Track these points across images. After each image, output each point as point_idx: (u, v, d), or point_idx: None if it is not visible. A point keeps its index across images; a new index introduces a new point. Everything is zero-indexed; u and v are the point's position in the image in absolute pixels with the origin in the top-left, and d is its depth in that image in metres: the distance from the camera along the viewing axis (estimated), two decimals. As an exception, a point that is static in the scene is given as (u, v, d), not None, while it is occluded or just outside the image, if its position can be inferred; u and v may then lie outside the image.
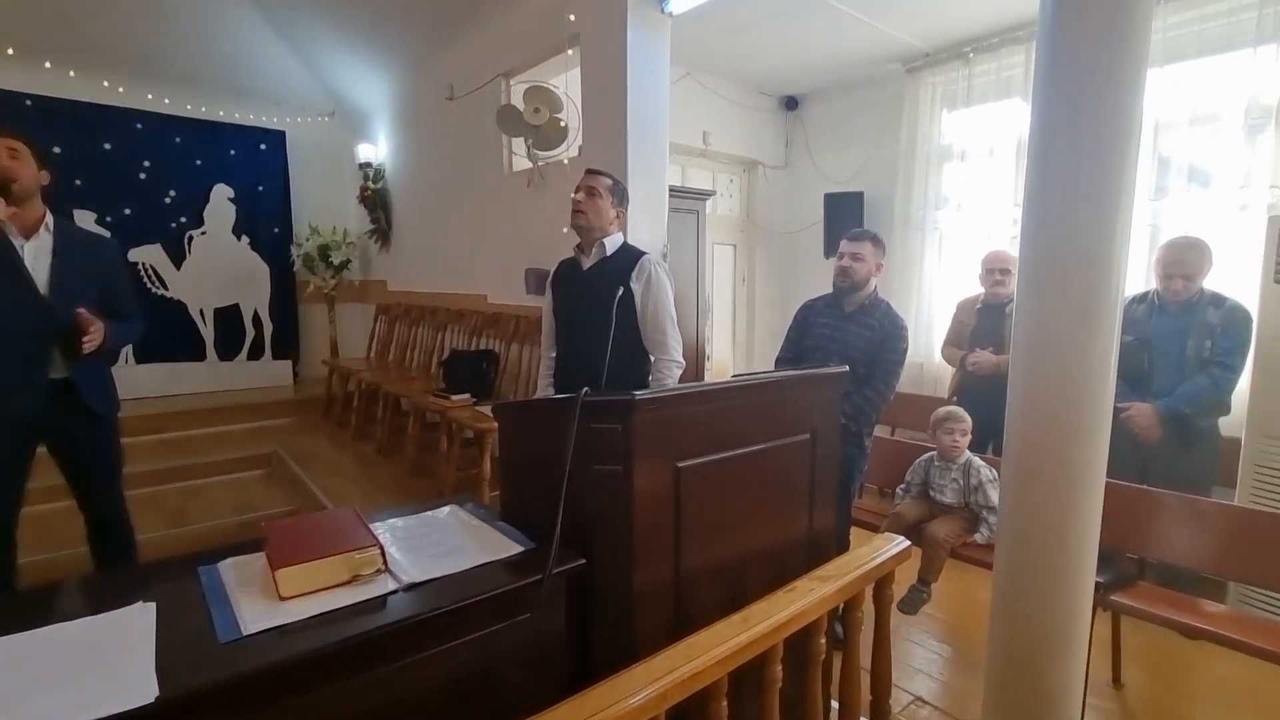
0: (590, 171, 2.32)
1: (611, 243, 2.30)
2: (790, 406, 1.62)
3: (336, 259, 6.02)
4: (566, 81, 3.24)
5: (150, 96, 5.23)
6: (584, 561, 1.22)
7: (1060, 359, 1.47)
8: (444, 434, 3.57)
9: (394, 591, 1.09)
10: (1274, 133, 2.94)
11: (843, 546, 2.34)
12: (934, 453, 2.63)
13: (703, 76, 4.69)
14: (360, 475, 3.93)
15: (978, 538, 2.47)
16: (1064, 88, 1.43)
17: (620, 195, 2.32)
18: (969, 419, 2.54)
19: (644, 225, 3.15)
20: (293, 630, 0.97)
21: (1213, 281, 2.84)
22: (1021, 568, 1.57)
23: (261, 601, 1.03)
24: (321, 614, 1.00)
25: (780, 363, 2.60)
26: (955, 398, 3.44)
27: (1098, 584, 2.11)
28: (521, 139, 3.37)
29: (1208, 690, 2.37)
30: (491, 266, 4.32)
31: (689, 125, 4.70)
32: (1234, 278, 3.01)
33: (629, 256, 2.29)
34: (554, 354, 2.47)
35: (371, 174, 5.99)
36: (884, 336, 2.39)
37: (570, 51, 3.26)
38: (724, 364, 5.39)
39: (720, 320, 5.46)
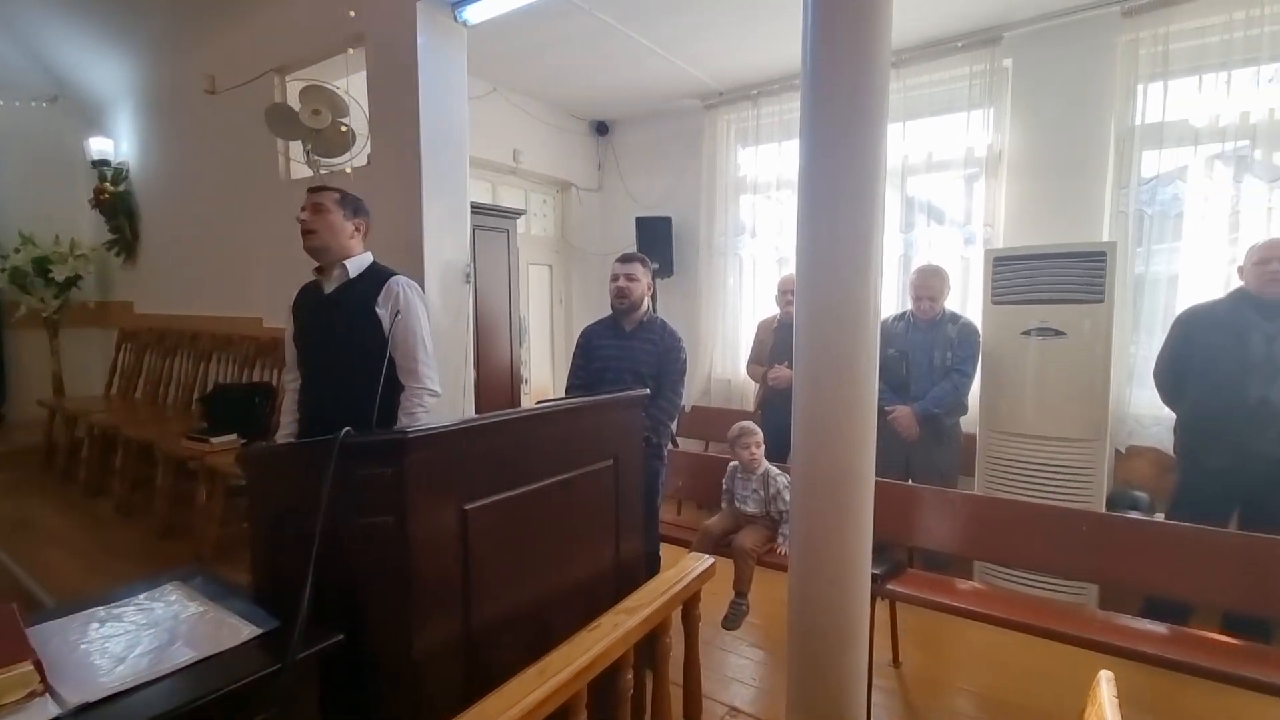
0: (312, 189, 2.08)
1: (356, 264, 2.07)
2: (590, 433, 1.55)
3: (60, 275, 4.88)
4: (349, 84, 2.93)
5: None
6: (341, 638, 1.01)
7: (831, 372, 1.58)
8: (203, 484, 2.99)
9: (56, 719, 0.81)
10: (984, 181, 3.57)
11: (654, 567, 2.33)
12: (737, 464, 2.74)
13: (511, 94, 4.59)
14: (89, 544, 3.16)
15: (780, 543, 2.61)
16: (823, 134, 1.56)
17: (354, 207, 2.10)
18: (760, 432, 2.70)
19: (446, 243, 2.94)
20: None
21: (952, 302, 3.37)
22: (810, 565, 1.66)
23: None
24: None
25: (571, 390, 2.60)
26: (760, 411, 3.67)
27: (875, 575, 2.34)
28: (299, 143, 2.98)
29: (967, 658, 2.71)
30: (267, 286, 3.77)
31: (498, 142, 4.56)
32: (967, 299, 3.61)
33: (376, 278, 2.07)
34: (298, 386, 2.17)
35: (110, 174, 4.97)
36: (665, 349, 2.49)
37: (351, 51, 2.96)
38: (543, 387, 5.28)
39: (538, 342, 5.34)
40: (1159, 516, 2.85)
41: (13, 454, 4.36)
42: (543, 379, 5.26)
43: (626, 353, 2.50)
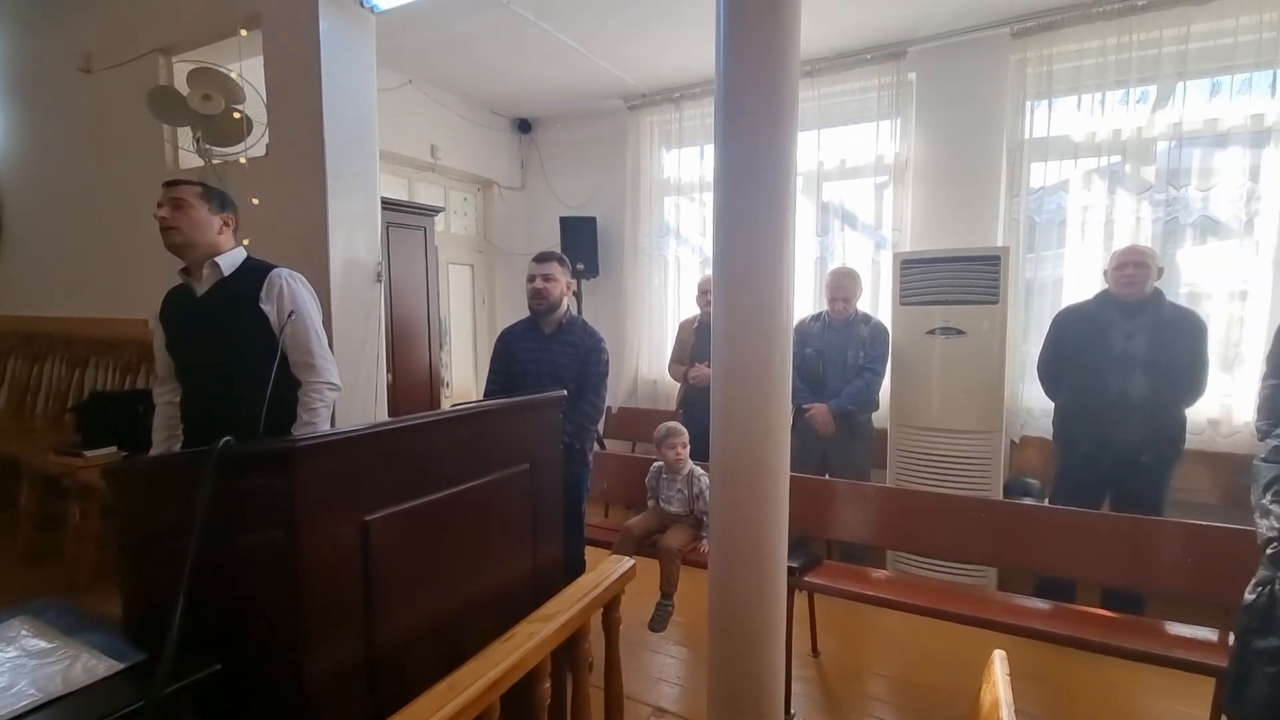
0: (169, 183, 1.92)
1: (228, 261, 1.93)
2: (505, 436, 1.50)
3: (-98, 272, 4.30)
4: (242, 68, 2.73)
5: None
6: (217, 668, 0.92)
7: (747, 370, 1.59)
8: (76, 503, 2.70)
9: None
10: (892, 188, 3.75)
11: (579, 571, 2.30)
12: (662, 464, 2.75)
13: (428, 87, 4.43)
14: (-66, 575, 2.79)
15: (704, 542, 2.63)
16: (736, 141, 1.58)
17: (220, 201, 1.96)
18: (686, 432, 2.71)
19: (355, 241, 2.79)
20: None
21: (865, 303, 3.51)
22: (728, 560, 1.67)
23: None
24: None
25: (490, 395, 2.52)
26: (682, 410, 3.69)
27: (792, 568, 2.39)
28: (189, 131, 2.75)
29: (881, 644, 2.83)
30: (154, 284, 3.41)
31: (414, 137, 4.39)
32: (878, 300, 3.77)
33: (254, 273, 1.94)
34: (177, 398, 2.01)
35: (-35, 160, 4.43)
36: (587, 351, 2.45)
37: (245, 33, 2.76)
38: (466, 389, 5.12)
39: (461, 344, 5.18)
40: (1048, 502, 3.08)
41: None
42: (465, 381, 5.10)
43: (546, 355, 2.44)
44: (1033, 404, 3.39)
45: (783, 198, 1.58)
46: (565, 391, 1.91)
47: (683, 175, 4.54)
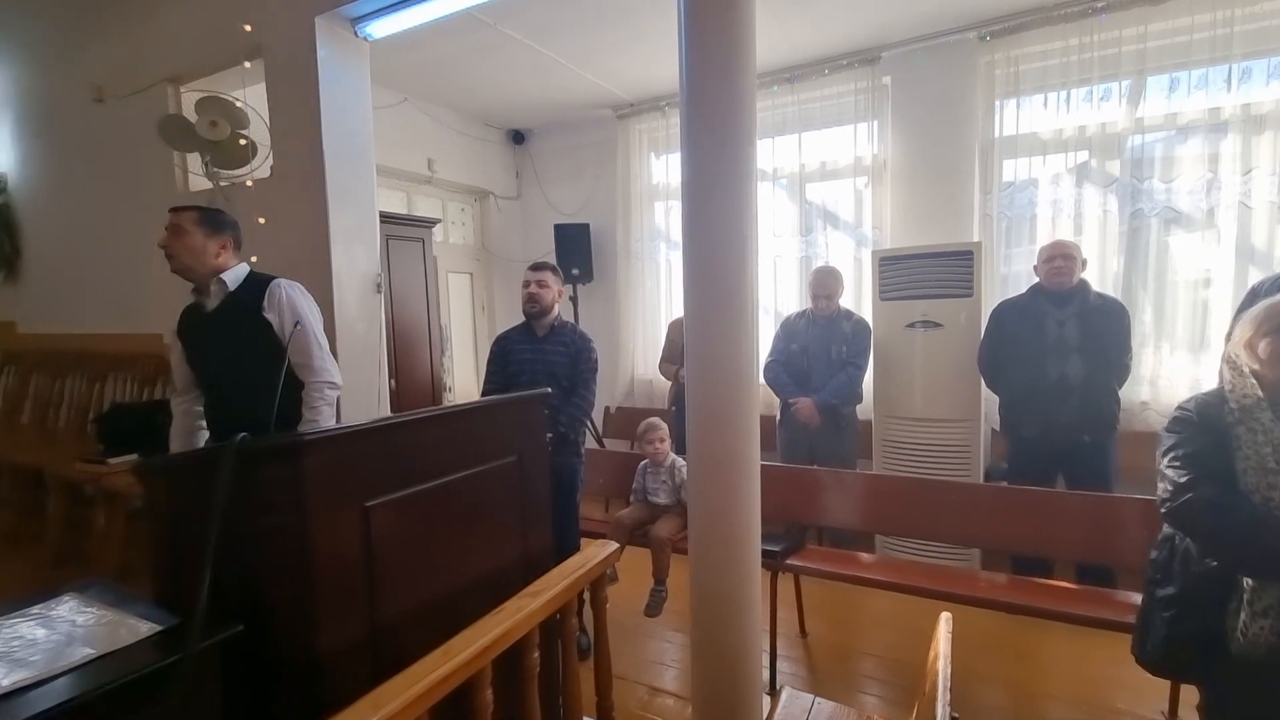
0: (173, 209, 2.09)
1: (233, 276, 2.10)
2: (492, 431, 1.64)
3: (-74, 296, 4.51)
4: (246, 95, 2.89)
5: None
6: (241, 628, 1.07)
7: (716, 365, 1.73)
8: (101, 508, 2.86)
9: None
10: (871, 188, 3.88)
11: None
12: (647, 461, 2.89)
13: (423, 103, 4.59)
14: (-33, 581, 2.96)
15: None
16: (699, 147, 1.71)
17: (215, 223, 2.10)
18: (665, 426, 2.86)
19: (357, 253, 2.95)
20: None
21: (848, 299, 3.64)
22: (706, 544, 1.80)
23: None
24: None
25: (488, 395, 2.70)
26: (673, 407, 3.83)
27: (775, 551, 2.53)
28: (198, 155, 2.92)
29: (868, 624, 2.95)
30: (167, 301, 3.57)
31: (411, 152, 4.55)
32: (861, 297, 3.90)
33: (257, 286, 2.10)
34: (199, 406, 2.21)
35: (-14, 186, 4.64)
36: (577, 350, 2.62)
37: (248, 64, 2.93)
38: (469, 392, 5.27)
39: (462, 350, 5.34)
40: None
41: (-124, 492, 3.98)
42: (467, 385, 5.25)
43: (540, 355, 2.60)
44: (1008, 392, 3.50)
45: (744, 202, 1.71)
46: (549, 390, 2.06)
47: (671, 180, 4.69)
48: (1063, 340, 2.75)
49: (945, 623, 1.43)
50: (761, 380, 2.80)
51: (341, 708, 1.11)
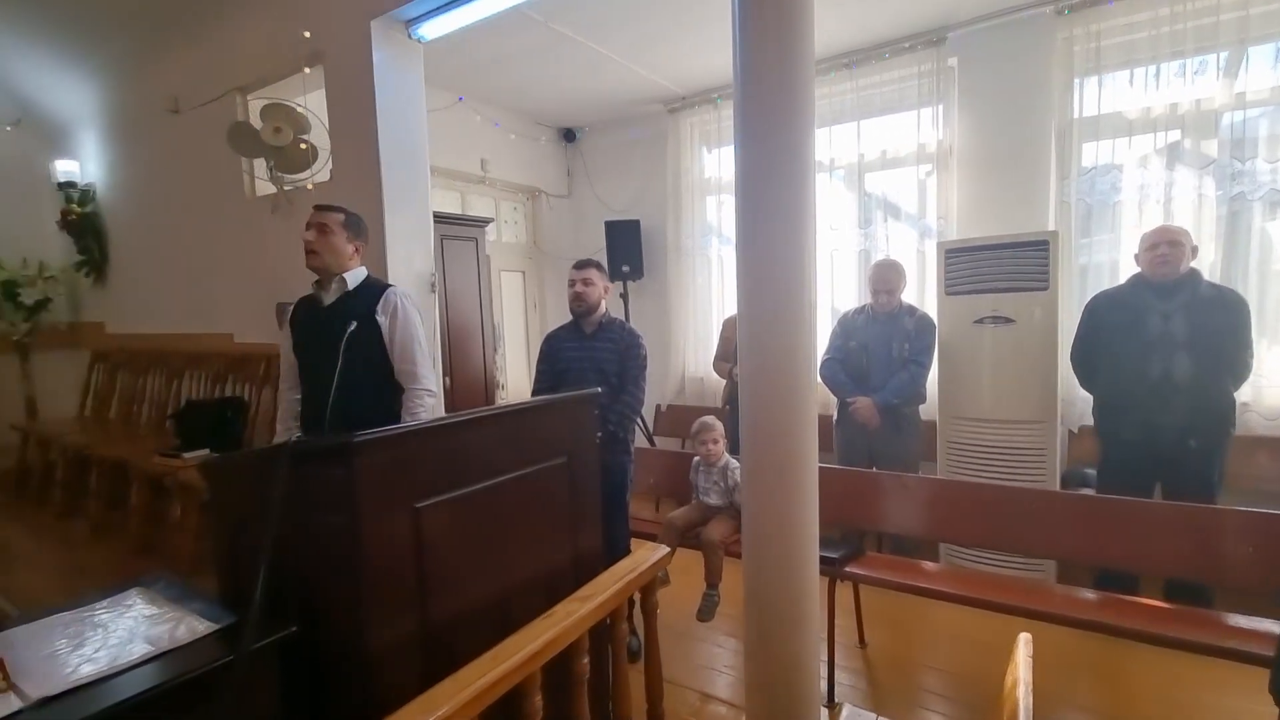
0: (319, 208, 2.22)
1: (353, 277, 2.23)
2: (542, 432, 1.62)
3: (29, 298, 4.86)
4: (306, 101, 2.98)
5: None
6: (294, 629, 1.07)
7: (772, 363, 1.65)
8: (177, 500, 3.01)
9: (18, 712, 0.86)
10: (935, 176, 3.69)
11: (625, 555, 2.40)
12: (700, 459, 2.82)
13: (477, 104, 4.65)
14: (61, 565, 3.17)
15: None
16: (753, 138, 1.64)
17: (356, 228, 2.25)
18: (720, 426, 2.78)
19: (412, 253, 3.00)
20: None
21: (910, 294, 3.48)
22: (760, 549, 1.73)
23: None
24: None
25: (538, 394, 2.68)
26: (727, 405, 3.75)
27: (834, 558, 2.42)
28: (262, 160, 3.02)
29: (933, 636, 2.80)
30: (237, 302, 3.80)
31: (466, 152, 4.62)
32: (924, 291, 3.72)
33: (373, 290, 2.23)
34: (297, 395, 2.31)
35: (77, 196, 4.96)
36: (626, 347, 2.59)
37: (309, 70, 3.01)
38: (521, 389, 5.32)
39: (514, 347, 5.39)
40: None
41: (-14, 480, 4.34)
42: (520, 382, 5.31)
43: (589, 353, 2.58)
44: (1090, 392, 3.27)
45: (801, 194, 1.63)
46: (599, 389, 2.03)
47: (724, 174, 4.59)
48: (1168, 335, 2.50)
49: (1025, 645, 1.32)
50: (818, 379, 2.70)
51: (393, 708, 1.11)
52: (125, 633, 1.04)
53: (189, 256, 4.25)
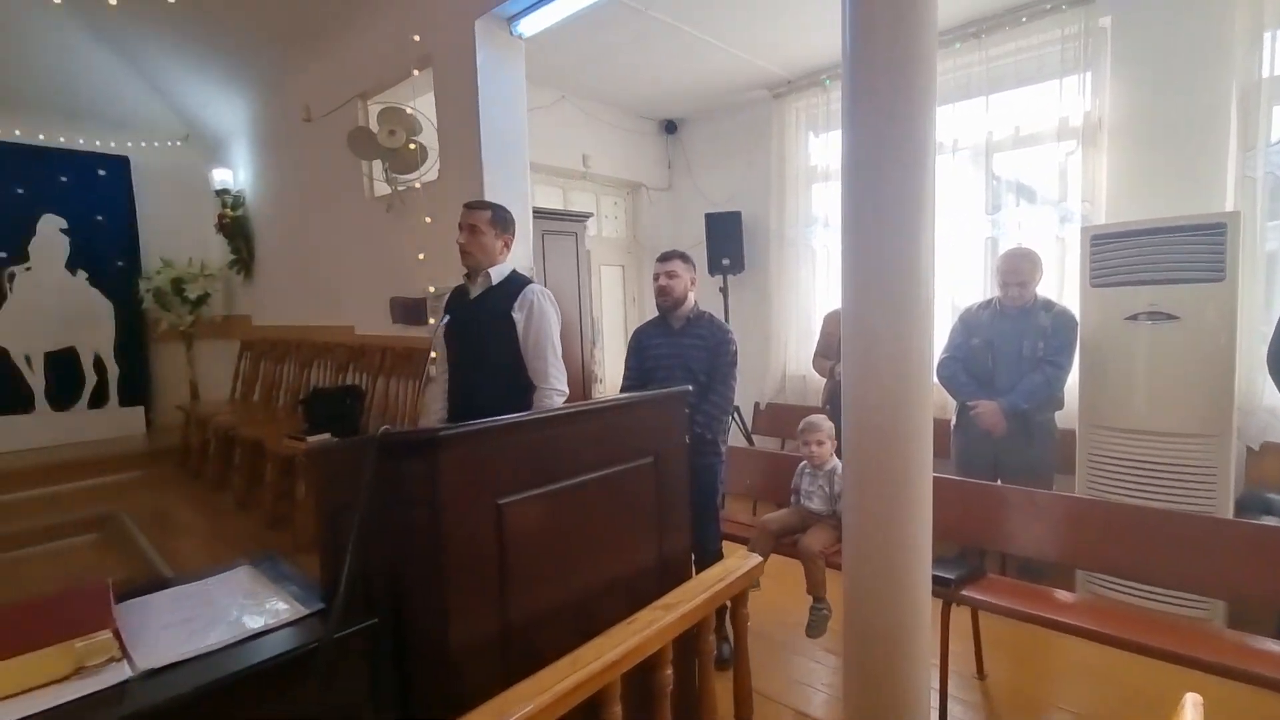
0: (469, 206, 2.29)
1: (498, 272, 2.29)
2: (629, 430, 1.56)
3: (193, 293, 5.50)
4: (416, 104, 3.11)
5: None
6: (375, 621, 1.08)
7: (882, 363, 1.50)
8: (301, 480, 3.27)
9: (127, 681, 0.91)
10: (1080, 153, 3.25)
11: (717, 560, 2.31)
12: (806, 460, 2.66)
13: (579, 100, 4.69)
14: (210, 533, 3.55)
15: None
16: (865, 119, 1.49)
17: (503, 223, 2.32)
18: (829, 425, 2.59)
19: (514, 248, 3.04)
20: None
21: (1047, 287, 3.10)
22: (863, 565, 1.58)
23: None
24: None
25: (626, 390, 2.62)
26: (828, 405, 3.53)
27: (949, 579, 2.19)
28: (379, 162, 3.20)
29: (1064, 675, 2.49)
30: (358, 296, 4.08)
31: (568, 148, 4.68)
32: (1064, 284, 3.31)
33: (514, 285, 2.27)
34: (447, 379, 2.40)
35: (230, 201, 5.56)
36: (715, 343, 2.47)
37: (418, 73, 3.14)
38: (618, 385, 5.33)
39: (612, 342, 5.41)
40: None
41: (157, 453, 4.96)
42: (616, 377, 5.29)
43: (677, 349, 2.50)
44: (1277, 402, 2.76)
45: (919, 174, 1.46)
46: (690, 387, 1.94)
47: (830, 161, 4.34)
48: None
49: (1194, 707, 1.08)
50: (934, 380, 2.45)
51: (473, 704, 1.09)
52: (227, 609, 1.10)
53: (318, 254, 4.62)
